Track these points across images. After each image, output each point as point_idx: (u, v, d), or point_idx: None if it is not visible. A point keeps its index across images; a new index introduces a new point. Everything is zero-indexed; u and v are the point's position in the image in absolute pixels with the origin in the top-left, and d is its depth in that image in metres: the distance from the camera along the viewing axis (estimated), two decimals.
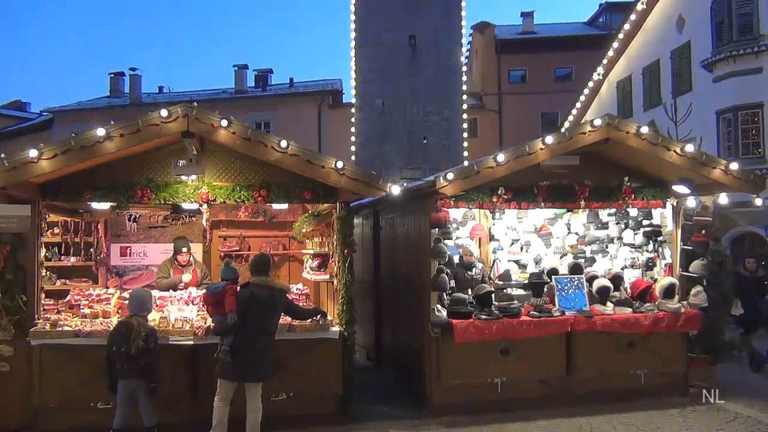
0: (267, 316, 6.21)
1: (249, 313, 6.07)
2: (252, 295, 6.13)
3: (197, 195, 7.26)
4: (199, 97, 30.96)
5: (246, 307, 6.08)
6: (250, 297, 6.12)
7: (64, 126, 30.97)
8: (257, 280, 6.23)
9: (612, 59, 23.39)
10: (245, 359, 6.03)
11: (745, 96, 16.88)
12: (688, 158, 7.82)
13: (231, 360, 5.99)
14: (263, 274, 6.29)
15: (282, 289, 6.50)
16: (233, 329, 6.02)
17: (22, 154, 6.38)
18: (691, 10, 18.86)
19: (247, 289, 6.21)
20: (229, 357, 5.99)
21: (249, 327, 6.06)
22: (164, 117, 6.65)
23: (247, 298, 6.11)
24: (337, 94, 30.97)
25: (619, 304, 8.12)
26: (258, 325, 6.11)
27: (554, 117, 28.49)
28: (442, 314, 7.59)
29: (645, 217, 9.01)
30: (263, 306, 6.15)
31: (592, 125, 7.61)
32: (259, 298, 6.12)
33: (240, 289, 6.25)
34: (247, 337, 6.04)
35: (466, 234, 8.84)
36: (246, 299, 6.11)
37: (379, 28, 23.35)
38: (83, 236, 9.17)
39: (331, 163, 7.02)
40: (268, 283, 6.29)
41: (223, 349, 6.04)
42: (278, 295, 6.34)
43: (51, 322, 6.98)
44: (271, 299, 6.21)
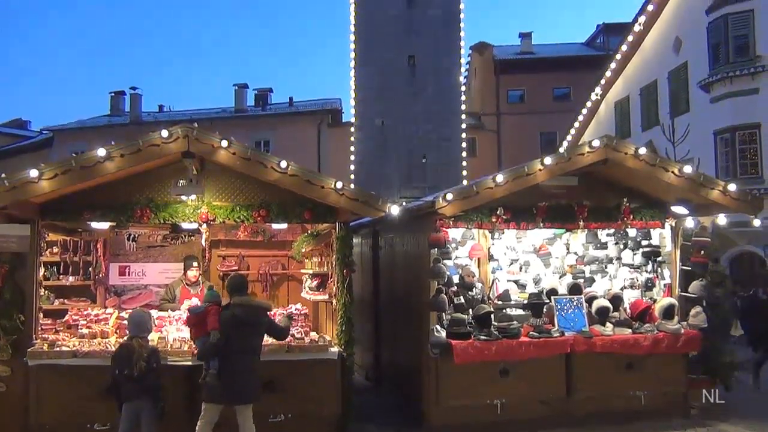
0: (250, 336, 6.11)
1: (232, 333, 5.96)
2: (234, 315, 6.02)
3: (197, 215, 7.27)
4: (199, 116, 31.12)
5: (229, 327, 5.97)
6: (232, 317, 6.01)
7: (65, 144, 31.13)
8: (238, 300, 6.13)
9: (610, 80, 23.57)
10: (232, 381, 5.92)
11: (743, 116, 17.00)
12: (687, 179, 7.86)
13: (219, 383, 5.88)
14: (243, 294, 6.23)
15: (264, 306, 6.39)
16: (217, 347, 5.93)
17: (22, 173, 6.40)
18: (688, 32, 19.04)
19: (228, 310, 6.10)
20: (217, 380, 5.89)
21: (233, 348, 5.94)
22: (165, 137, 6.69)
23: (229, 319, 6.01)
24: (337, 113, 31.15)
25: (619, 324, 8.09)
26: (242, 345, 6.00)
27: (553, 136, 28.63)
28: (441, 335, 7.56)
29: (644, 238, 9.02)
30: (246, 325, 6.04)
31: (591, 146, 7.65)
32: (242, 318, 6.02)
33: (222, 310, 6.16)
34: (232, 358, 5.94)
35: (465, 254, 8.83)
36: (228, 320, 6.01)
37: (379, 48, 23.55)
38: (82, 255, 9.15)
39: (331, 183, 7.04)
40: (249, 302, 6.22)
41: (210, 373, 5.93)
42: (261, 313, 6.24)
43: (49, 342, 6.95)
44: (253, 318, 6.12)
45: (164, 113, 35.50)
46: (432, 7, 23.87)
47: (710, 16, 17.74)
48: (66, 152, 29.58)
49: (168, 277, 9.15)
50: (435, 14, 23.86)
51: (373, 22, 23.73)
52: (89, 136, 30.28)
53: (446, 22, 23.95)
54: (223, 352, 5.94)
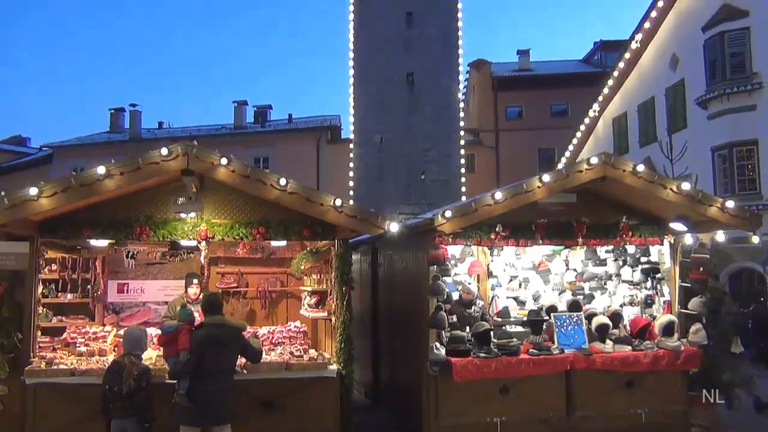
0: (225, 355, 6.02)
1: (206, 353, 5.87)
2: (208, 334, 5.94)
3: (196, 232, 7.27)
4: (198, 132, 31.24)
5: (202, 347, 5.88)
6: (206, 337, 5.92)
7: (64, 161, 31.19)
8: (211, 320, 6.06)
9: (607, 96, 23.70)
10: (206, 401, 5.81)
11: (740, 133, 17.07)
12: (685, 196, 7.88)
13: (190, 404, 5.80)
14: (217, 313, 6.15)
15: (238, 326, 6.31)
16: (187, 367, 5.86)
17: (21, 192, 6.41)
18: (685, 49, 19.17)
19: (201, 330, 6.03)
20: (187, 401, 5.80)
21: (207, 367, 5.84)
22: (164, 155, 6.71)
23: (203, 339, 5.92)
24: (336, 129, 31.26)
25: (619, 341, 8.08)
26: (216, 365, 5.90)
27: (551, 152, 28.72)
28: (440, 352, 7.54)
29: (643, 254, 9.02)
30: (220, 345, 5.95)
31: (589, 163, 7.67)
32: (216, 338, 5.93)
33: (196, 330, 6.11)
34: (205, 378, 5.84)
35: (464, 270, 8.83)
36: (202, 340, 5.92)
37: (378, 65, 23.68)
38: (81, 273, 9.14)
39: (330, 200, 7.06)
40: (224, 322, 6.14)
41: (179, 393, 5.85)
42: (235, 333, 6.15)
43: (46, 361, 6.92)
44: (227, 337, 6.03)
45: (164, 130, 35.63)
46: (430, 25, 24.04)
47: (707, 33, 17.88)
48: (65, 169, 29.64)
49: (167, 294, 9.15)
50: (433, 32, 24.03)
51: (372, 40, 23.89)
52: (89, 152, 30.40)
53: (444, 40, 24.11)
54: (197, 372, 5.84)
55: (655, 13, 20.24)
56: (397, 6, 24.04)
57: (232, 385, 6.08)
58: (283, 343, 8.14)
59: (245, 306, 9.63)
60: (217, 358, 5.94)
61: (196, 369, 5.86)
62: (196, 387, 5.83)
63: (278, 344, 8.12)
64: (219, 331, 5.99)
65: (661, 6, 19.98)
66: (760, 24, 16.69)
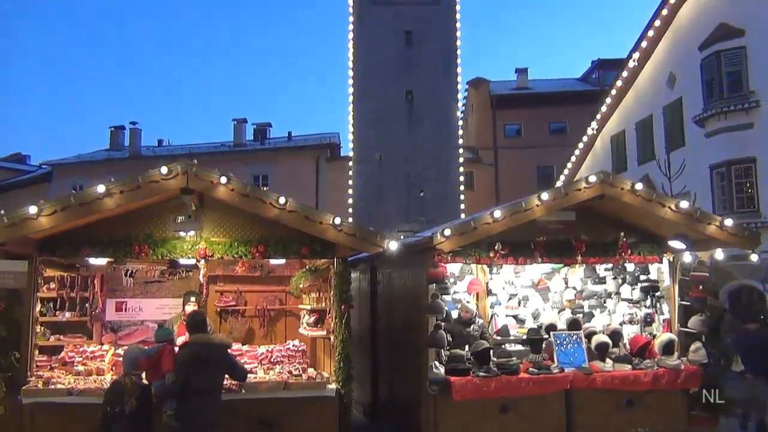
0: (212, 374, 5.98)
1: (193, 372, 5.82)
2: (193, 353, 5.90)
3: (195, 250, 7.28)
4: (198, 150, 31.31)
5: (188, 367, 5.84)
6: (191, 356, 5.88)
7: (64, 179, 31.21)
8: (196, 338, 6.02)
9: (605, 114, 23.80)
10: (196, 421, 5.76)
11: (738, 151, 17.12)
12: (683, 214, 7.90)
13: (178, 424, 5.76)
14: (202, 332, 6.13)
15: (223, 344, 6.26)
16: (174, 388, 5.82)
17: (21, 210, 6.42)
18: (682, 68, 19.30)
19: (186, 349, 5.99)
20: (175, 421, 5.76)
21: (194, 387, 5.79)
22: (164, 174, 6.73)
23: (188, 358, 5.88)
24: (335, 147, 31.33)
25: (619, 360, 8.05)
26: (203, 384, 5.85)
27: (550, 170, 28.80)
28: (439, 371, 7.51)
29: (642, 272, 9.02)
30: (206, 363, 5.90)
31: (587, 182, 7.70)
32: (202, 356, 5.88)
33: (179, 350, 6.07)
34: (193, 397, 5.78)
35: (463, 288, 8.81)
36: (187, 359, 5.88)
37: (377, 84, 23.81)
38: (79, 291, 9.09)
39: (329, 219, 7.07)
40: (208, 339, 6.11)
41: (167, 414, 5.80)
42: (221, 350, 6.12)
43: (43, 380, 6.89)
44: (213, 355, 5.98)
45: (164, 147, 35.70)
46: (429, 44, 24.21)
47: (703, 52, 18.00)
48: (65, 186, 29.66)
49: (165, 312, 9.10)
50: (432, 51, 24.19)
51: (371, 59, 24.04)
52: (88, 170, 30.43)
53: (443, 59, 24.27)
54: (184, 392, 5.79)
55: (652, 32, 20.40)
56: (397, 25, 24.23)
57: (219, 404, 6.03)
58: (281, 362, 8.10)
59: (244, 324, 9.58)
60: (204, 377, 5.88)
61: (183, 388, 5.81)
62: (184, 406, 5.80)
63: (277, 363, 8.08)
64: (204, 350, 5.95)
65: (657, 25, 20.15)
66: (755, 43, 16.81)
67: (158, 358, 6.03)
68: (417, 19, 24.30)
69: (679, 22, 19.61)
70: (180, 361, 5.90)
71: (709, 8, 18.23)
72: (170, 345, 6.17)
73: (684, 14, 19.35)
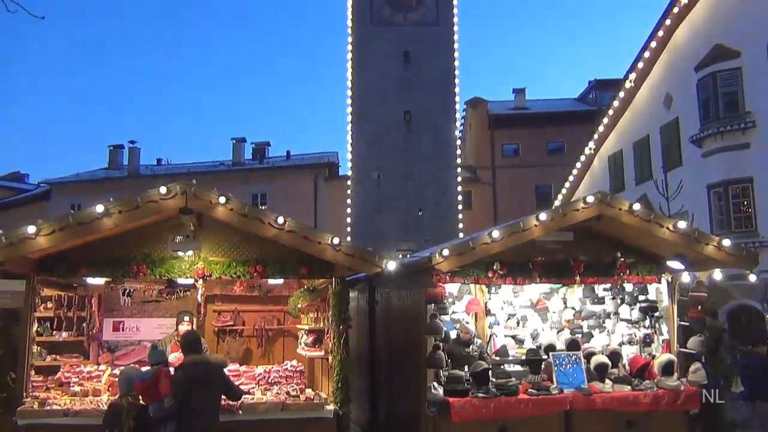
0: (209, 394, 5.98)
1: (190, 393, 5.81)
2: (189, 375, 5.90)
3: (193, 270, 7.27)
4: (197, 169, 31.39)
5: (185, 388, 5.83)
6: (188, 377, 5.88)
7: (62, 197, 31.25)
8: (192, 359, 6.02)
9: (602, 134, 23.92)
10: None
11: (735, 171, 17.19)
12: (681, 235, 7.91)
13: None
14: (197, 352, 6.12)
15: (219, 363, 6.29)
16: (173, 411, 5.77)
17: (19, 230, 6.42)
18: (678, 88, 19.44)
19: (182, 370, 5.98)
20: None
21: (192, 407, 5.79)
22: (163, 194, 6.74)
23: (185, 379, 5.87)
24: (334, 166, 31.44)
25: (618, 381, 8.01)
26: (201, 404, 5.85)
27: (548, 189, 28.87)
28: (438, 392, 7.46)
29: (641, 293, 9.00)
30: (204, 384, 5.91)
31: (585, 202, 7.72)
32: (198, 377, 5.89)
33: (175, 371, 6.05)
34: (192, 418, 5.77)
35: (462, 308, 8.78)
36: (184, 380, 5.87)
37: (376, 103, 23.99)
38: (76, 311, 9.07)
39: (328, 239, 7.08)
40: (204, 360, 6.12)
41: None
42: (216, 370, 6.14)
43: (39, 401, 6.84)
44: (210, 376, 6.00)
45: (162, 166, 35.78)
46: (427, 64, 24.44)
47: (699, 73, 18.14)
48: (63, 205, 29.67)
49: (162, 332, 9.08)
50: (430, 71, 24.42)
51: (370, 79, 24.25)
52: (87, 189, 30.48)
53: (441, 79, 24.48)
54: (182, 413, 5.77)
55: (648, 53, 20.58)
56: (396, 46, 24.49)
57: (216, 424, 6.02)
58: (279, 383, 8.06)
59: (241, 344, 9.55)
60: (201, 397, 5.89)
61: (181, 409, 5.79)
62: (183, 427, 5.78)
63: (275, 384, 8.04)
64: (200, 370, 5.95)
65: (653, 46, 20.32)
66: (751, 64, 16.95)
67: (155, 381, 5.98)
68: (415, 40, 24.56)
69: (675, 43, 19.79)
70: (177, 383, 5.87)
71: (704, 30, 18.41)
72: (165, 367, 6.13)
73: (680, 35, 19.54)
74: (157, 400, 5.94)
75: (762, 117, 16.55)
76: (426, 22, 24.92)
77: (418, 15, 24.98)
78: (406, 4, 24.95)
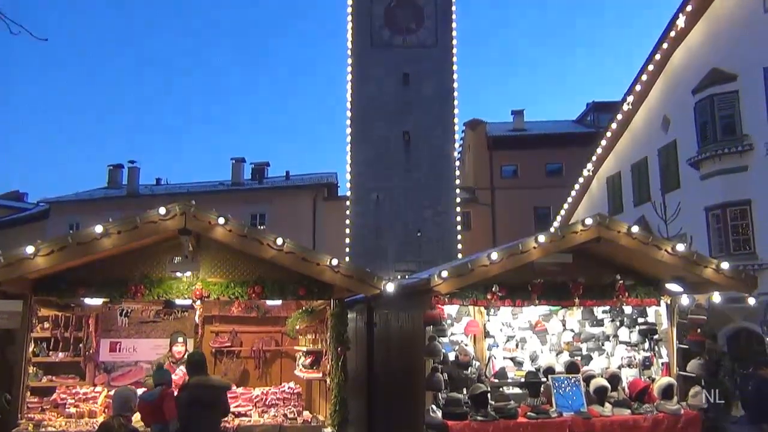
0: (211, 416, 5.99)
1: (194, 414, 5.81)
2: (194, 396, 5.90)
3: (191, 291, 7.26)
4: (196, 189, 31.42)
5: (189, 409, 5.83)
6: (193, 399, 5.88)
7: (61, 217, 31.23)
8: (197, 381, 6.02)
9: (601, 156, 24.00)
10: None
11: (733, 193, 17.21)
12: (680, 257, 7.92)
13: None
14: (202, 373, 6.12)
15: (222, 386, 6.32)
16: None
17: (18, 250, 6.42)
18: (676, 111, 19.55)
19: (187, 392, 5.98)
20: None
21: (195, 429, 5.80)
22: (162, 215, 6.75)
23: (189, 401, 5.87)
24: (333, 187, 31.49)
25: (618, 404, 7.96)
26: (204, 426, 5.87)
27: (546, 210, 28.89)
28: (437, 415, 7.41)
29: (640, 315, 8.99)
30: (206, 406, 5.92)
31: (584, 225, 7.74)
32: (203, 399, 5.90)
33: (179, 392, 6.04)
34: None
35: (460, 330, 8.77)
36: (188, 402, 5.87)
37: (375, 124, 24.12)
38: (73, 331, 9.03)
39: (326, 260, 7.07)
40: (210, 382, 6.14)
41: None
42: (220, 393, 6.16)
43: (34, 423, 6.80)
44: (214, 398, 6.01)
45: (162, 186, 35.82)
46: (427, 85, 24.61)
47: (696, 96, 18.26)
48: (62, 224, 29.65)
49: (159, 353, 9.01)
50: (429, 92, 24.58)
51: (369, 100, 24.40)
52: (86, 208, 30.47)
53: (440, 100, 24.64)
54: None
55: (646, 76, 20.73)
56: (395, 67, 24.66)
57: None
58: (276, 405, 8.00)
59: (239, 366, 9.50)
60: (204, 419, 5.90)
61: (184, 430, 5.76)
62: None
63: (272, 406, 7.98)
64: (206, 393, 5.96)
65: (651, 69, 20.47)
66: (747, 88, 17.06)
67: (159, 403, 5.95)
68: (415, 62, 24.76)
69: (672, 66, 19.94)
70: (182, 405, 5.87)
71: (701, 54, 18.57)
72: (168, 387, 6.09)
73: (677, 59, 19.70)
74: (160, 421, 5.90)
75: (759, 140, 16.62)
76: (425, 44, 25.16)
77: (418, 37, 25.23)
78: (405, 27, 25.19)
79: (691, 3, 18.27)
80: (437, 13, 25.33)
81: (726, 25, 17.71)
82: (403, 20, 25.24)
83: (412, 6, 25.36)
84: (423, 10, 25.34)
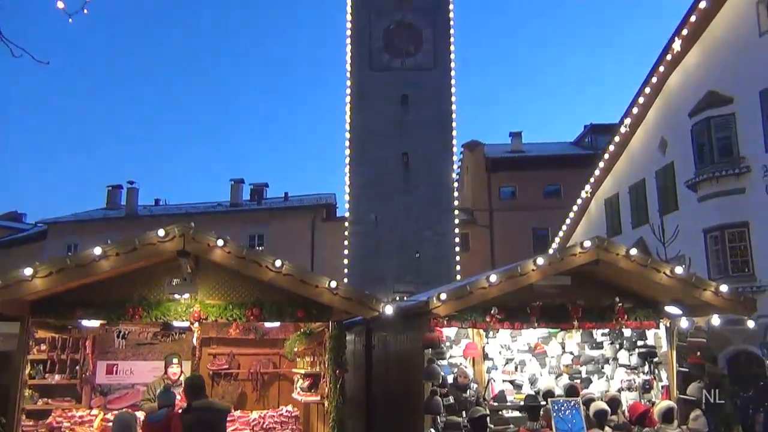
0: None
1: None
2: (199, 419, 5.91)
3: (189, 313, 7.23)
4: (195, 210, 31.46)
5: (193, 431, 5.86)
6: (197, 422, 5.89)
7: (59, 238, 31.19)
8: (200, 404, 6.03)
9: (599, 178, 24.07)
10: None
11: (731, 215, 17.23)
12: (679, 280, 7.92)
13: None
14: (203, 396, 6.13)
15: (224, 409, 6.38)
16: None
17: (15, 272, 6.40)
18: (673, 133, 19.65)
19: (190, 414, 5.98)
20: None
21: None
22: (161, 237, 6.75)
23: (193, 424, 5.88)
24: (331, 208, 31.53)
25: (618, 428, 7.91)
26: None
27: (545, 232, 28.89)
28: None
29: (639, 338, 8.96)
30: (208, 429, 5.95)
31: (582, 247, 7.75)
32: (207, 422, 5.92)
33: (182, 415, 6.03)
34: None
35: (459, 353, 8.72)
36: (193, 425, 5.88)
37: (374, 146, 24.23)
38: (70, 353, 8.98)
39: (325, 282, 7.06)
40: (213, 405, 6.17)
41: None
42: (223, 415, 6.22)
43: None
44: (216, 421, 6.05)
45: (160, 207, 35.84)
46: (425, 107, 24.77)
47: (693, 119, 18.36)
48: (61, 245, 29.60)
49: (156, 376, 8.96)
50: (428, 114, 24.73)
51: (368, 121, 24.54)
52: (84, 229, 30.46)
53: (439, 122, 24.78)
54: None
55: (643, 98, 20.86)
56: (394, 89, 24.85)
57: None
58: (274, 429, 7.95)
59: (236, 388, 9.45)
60: None
61: None
62: None
63: (269, 430, 7.93)
64: (209, 415, 5.98)
65: (648, 92, 20.61)
66: (744, 110, 17.16)
67: (167, 424, 5.95)
68: (413, 84, 24.95)
69: (668, 89, 20.08)
70: (186, 427, 5.86)
71: (697, 77, 18.71)
72: (173, 409, 6.09)
73: (673, 82, 19.84)
74: None
75: (756, 162, 16.69)
76: (423, 66, 25.38)
77: (416, 60, 25.46)
78: (404, 50, 25.44)
79: (687, 27, 18.44)
80: (435, 37, 25.62)
81: (722, 48, 17.87)
82: (402, 43, 25.51)
83: (411, 29, 25.63)
84: (422, 33, 25.62)
